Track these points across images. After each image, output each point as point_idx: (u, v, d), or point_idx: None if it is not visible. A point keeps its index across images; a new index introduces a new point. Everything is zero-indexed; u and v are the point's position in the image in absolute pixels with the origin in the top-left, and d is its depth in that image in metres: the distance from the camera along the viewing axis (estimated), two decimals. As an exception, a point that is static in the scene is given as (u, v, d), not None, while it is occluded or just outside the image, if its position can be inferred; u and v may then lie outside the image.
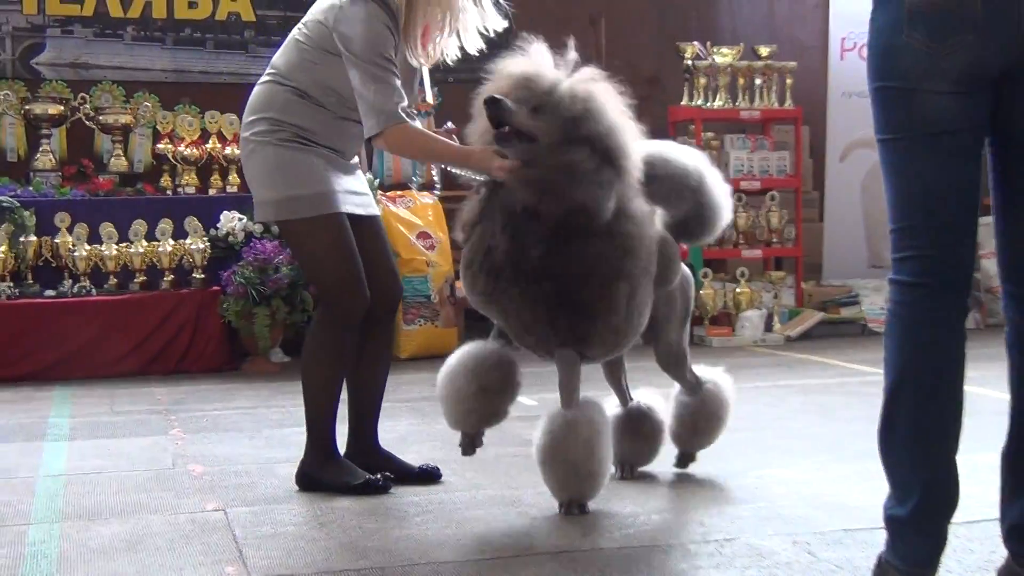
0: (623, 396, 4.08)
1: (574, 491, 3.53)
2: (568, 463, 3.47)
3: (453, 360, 3.64)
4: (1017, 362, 2.68)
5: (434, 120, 4.31)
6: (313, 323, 4.04)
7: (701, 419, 3.95)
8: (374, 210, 4.08)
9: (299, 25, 3.93)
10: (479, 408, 3.61)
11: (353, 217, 3.87)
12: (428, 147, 3.78)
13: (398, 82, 3.65)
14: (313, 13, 3.86)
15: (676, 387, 4.01)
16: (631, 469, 4.06)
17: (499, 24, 3.89)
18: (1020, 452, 2.65)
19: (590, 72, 3.54)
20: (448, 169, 3.95)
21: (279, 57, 3.94)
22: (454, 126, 4.63)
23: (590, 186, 3.37)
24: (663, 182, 3.78)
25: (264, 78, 3.94)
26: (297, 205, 3.78)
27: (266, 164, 3.82)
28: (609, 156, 3.43)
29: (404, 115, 3.62)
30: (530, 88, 3.43)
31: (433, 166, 5.19)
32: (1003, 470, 2.68)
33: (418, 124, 3.98)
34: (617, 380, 4.06)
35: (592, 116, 3.41)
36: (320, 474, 3.90)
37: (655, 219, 3.64)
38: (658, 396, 4.13)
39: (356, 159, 4.05)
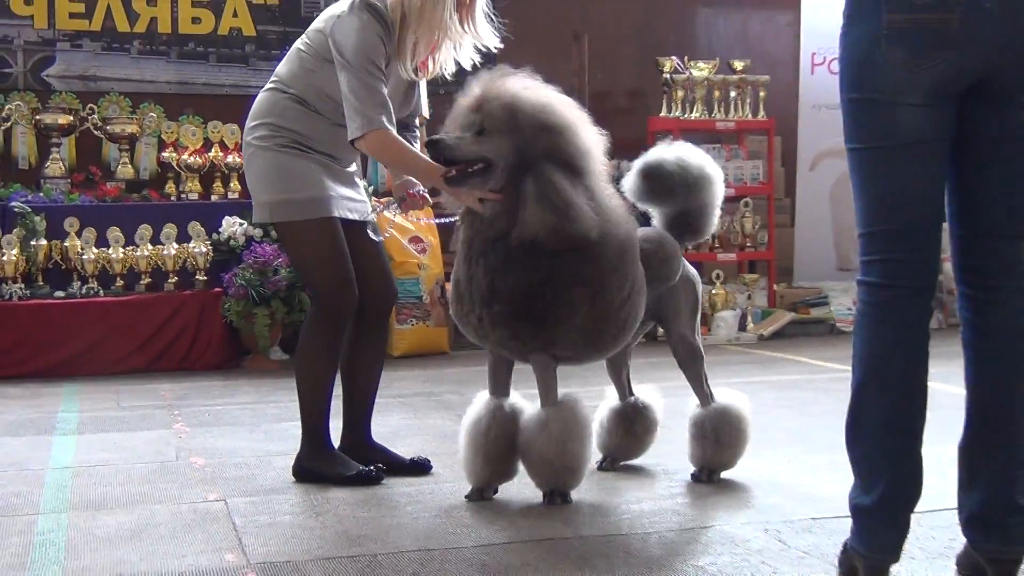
0: (623, 390, 4.06)
1: (554, 483, 3.54)
2: (544, 459, 3.48)
3: (468, 424, 3.59)
4: (972, 359, 2.69)
5: (426, 131, 4.31)
6: (306, 321, 4.04)
7: (722, 434, 3.79)
8: (369, 216, 4.06)
9: (303, 35, 3.93)
10: (490, 474, 3.59)
11: (347, 222, 3.87)
12: (402, 156, 3.74)
13: (384, 90, 3.65)
14: (315, 23, 3.88)
15: (692, 405, 3.90)
16: (612, 462, 4.05)
17: (493, 41, 3.87)
18: (976, 445, 2.66)
19: (520, 78, 3.45)
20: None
21: (282, 66, 3.96)
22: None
23: (579, 209, 3.33)
24: (658, 181, 3.79)
25: (267, 86, 3.95)
26: (291, 208, 3.79)
27: (264, 168, 3.83)
28: (572, 163, 3.40)
29: (386, 122, 3.61)
30: (470, 112, 3.41)
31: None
32: (960, 462, 2.69)
33: (417, 135, 4.04)
34: (618, 374, 4.04)
35: (529, 123, 3.37)
36: (315, 466, 3.90)
37: (627, 217, 3.57)
38: (658, 394, 4.12)
39: (354, 166, 4.05)
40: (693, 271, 3.96)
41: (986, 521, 2.63)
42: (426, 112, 4.05)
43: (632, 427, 4.03)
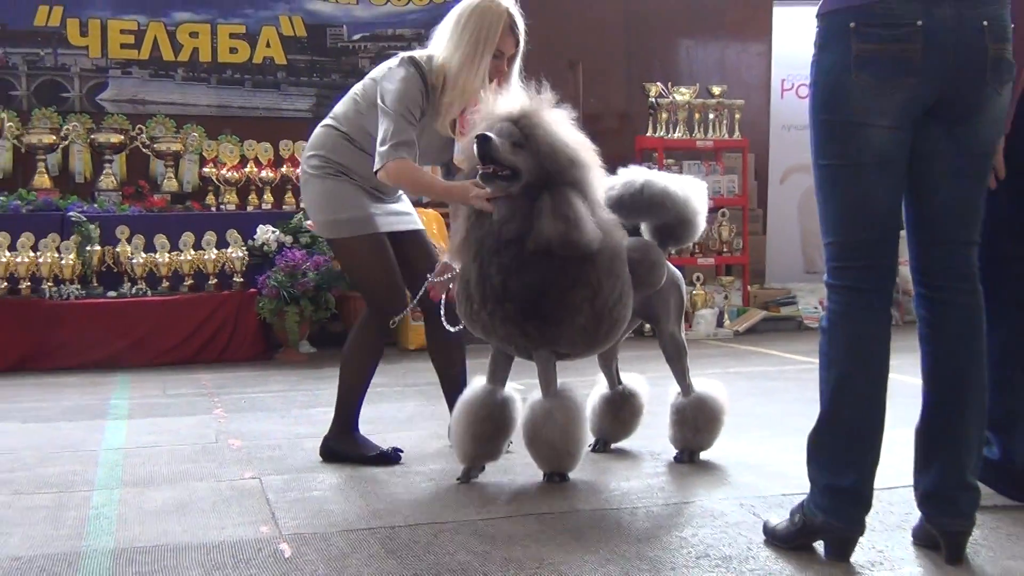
0: (612, 380, 4.06)
1: (555, 465, 3.54)
2: (547, 443, 3.48)
3: (459, 406, 3.59)
4: (928, 353, 2.70)
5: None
6: (359, 321, 4.01)
7: (700, 420, 3.81)
8: (416, 225, 4.08)
9: (360, 81, 3.97)
10: (476, 451, 3.57)
11: (396, 233, 3.93)
12: (420, 181, 3.72)
13: (413, 134, 3.65)
14: (372, 73, 3.92)
15: (673, 393, 3.90)
16: (605, 444, 4.05)
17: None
18: (932, 430, 2.66)
19: (550, 104, 3.47)
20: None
21: (339, 106, 3.97)
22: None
23: (593, 228, 3.35)
24: (633, 203, 3.78)
25: (325, 122, 3.96)
26: (339, 227, 3.83)
27: (315, 193, 3.87)
28: (564, 179, 3.38)
29: (405, 154, 3.60)
30: (510, 124, 3.38)
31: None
32: (917, 444, 2.69)
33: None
34: (608, 366, 4.04)
35: (560, 152, 3.37)
36: (341, 447, 3.90)
37: (618, 228, 3.56)
38: (644, 382, 4.12)
39: (400, 193, 4.06)
40: (678, 275, 3.95)
41: (940, 497, 2.64)
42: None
43: (620, 412, 4.04)
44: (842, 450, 2.64)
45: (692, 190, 3.84)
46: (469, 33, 3.73)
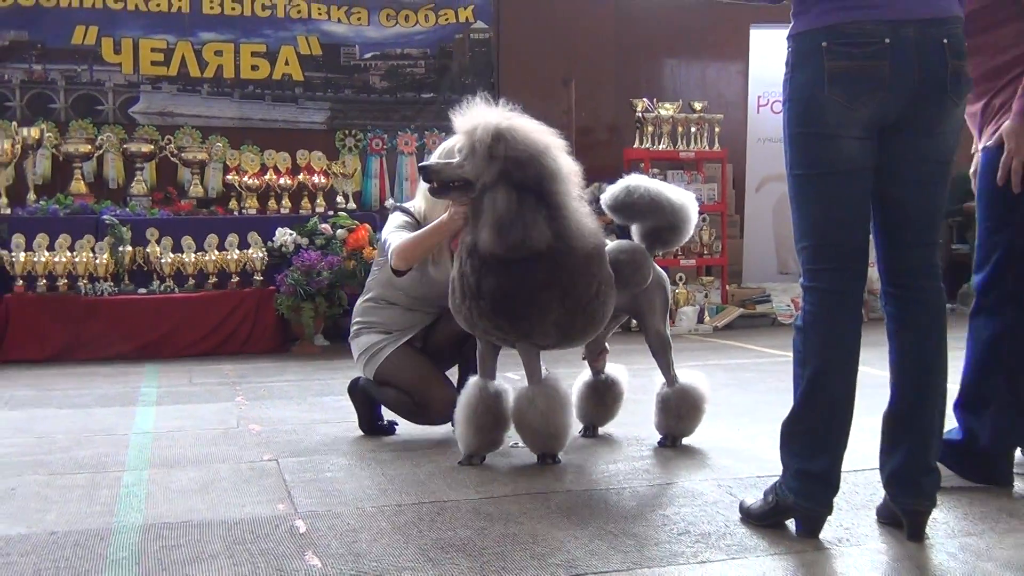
0: (596, 368, 4.06)
1: (543, 447, 3.55)
2: (530, 427, 3.49)
3: (461, 402, 3.55)
4: (896, 347, 2.70)
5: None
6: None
7: (683, 408, 3.81)
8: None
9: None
10: (480, 441, 3.56)
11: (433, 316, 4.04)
12: (417, 242, 3.69)
13: (398, 237, 3.74)
14: None
15: (658, 384, 3.90)
16: (594, 429, 4.05)
17: None
18: (898, 417, 2.67)
19: (505, 111, 3.41)
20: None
21: (369, 280, 4.17)
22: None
23: (523, 230, 3.27)
24: (629, 207, 3.78)
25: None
26: (369, 367, 4.00)
27: (357, 346, 4.04)
28: (539, 186, 3.32)
29: (396, 240, 3.71)
30: (464, 138, 3.39)
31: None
32: (884, 430, 2.69)
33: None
34: (595, 354, 4.04)
35: (509, 151, 3.30)
36: (361, 398, 4.10)
37: (596, 232, 3.48)
38: (624, 371, 4.11)
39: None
40: (664, 275, 3.94)
41: (904, 479, 2.64)
42: None
43: (603, 398, 4.05)
44: (814, 438, 2.64)
45: (687, 200, 3.84)
46: None
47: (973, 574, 2.42)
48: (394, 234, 3.79)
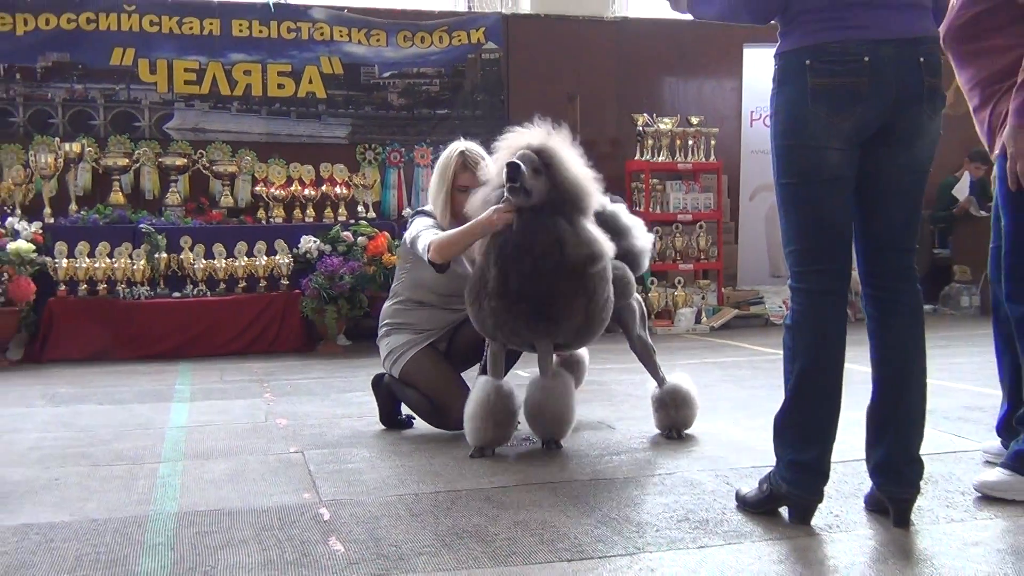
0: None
1: (551, 433, 3.61)
2: (544, 414, 3.56)
3: (476, 398, 3.56)
4: (877, 345, 2.69)
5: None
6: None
7: (677, 401, 3.83)
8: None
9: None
10: (494, 435, 3.57)
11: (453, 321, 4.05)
12: (456, 239, 3.63)
13: (429, 235, 3.72)
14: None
15: (650, 387, 3.92)
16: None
17: None
18: (881, 410, 2.66)
19: (563, 137, 3.54)
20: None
21: (393, 284, 4.16)
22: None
23: (599, 247, 3.47)
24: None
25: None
26: (395, 367, 4.00)
27: (385, 346, 4.04)
28: (577, 207, 3.47)
29: (432, 236, 3.69)
30: (531, 151, 3.44)
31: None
32: (868, 423, 2.68)
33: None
34: (572, 364, 4.09)
35: (569, 177, 3.46)
36: (384, 394, 4.09)
37: (610, 246, 3.59)
38: (584, 350, 4.18)
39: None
40: (638, 296, 4.02)
41: (888, 468, 2.63)
42: None
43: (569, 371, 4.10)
44: (804, 430, 2.64)
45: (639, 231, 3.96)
46: (436, 177, 3.99)
47: (956, 559, 2.41)
48: (426, 232, 3.76)
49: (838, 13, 2.51)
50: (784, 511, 2.72)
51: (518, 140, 3.51)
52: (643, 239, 3.98)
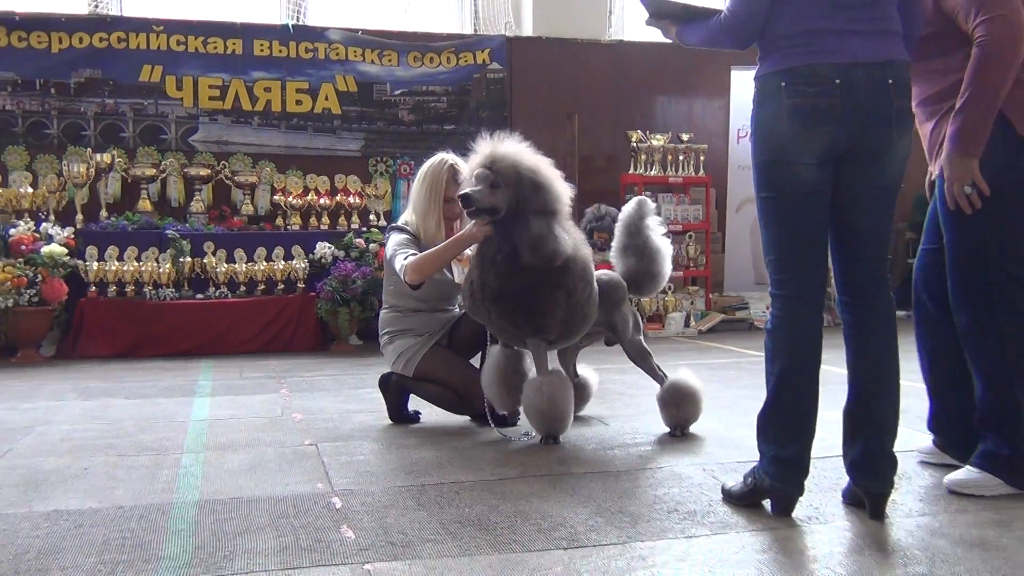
0: (570, 373, 4.09)
1: (547, 429, 3.60)
2: (541, 411, 3.55)
3: (488, 371, 3.68)
4: (851, 348, 2.70)
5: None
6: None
7: (679, 398, 3.78)
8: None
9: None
10: (512, 399, 3.68)
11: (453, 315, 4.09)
12: (431, 258, 3.68)
13: (405, 253, 3.74)
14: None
15: (656, 389, 3.88)
16: None
17: None
18: (857, 409, 2.66)
19: (517, 145, 3.51)
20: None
21: (384, 295, 4.16)
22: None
23: (555, 245, 3.39)
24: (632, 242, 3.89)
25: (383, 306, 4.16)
26: (406, 367, 4.00)
27: (393, 350, 4.04)
28: (547, 207, 3.44)
29: (410, 255, 3.72)
30: (484, 168, 3.44)
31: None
32: (845, 422, 2.68)
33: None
34: (567, 363, 4.09)
35: (526, 181, 3.42)
36: (392, 393, 4.08)
37: (585, 245, 3.63)
38: (594, 374, 4.18)
39: (456, 307, 4.14)
40: (634, 309, 4.01)
41: (865, 465, 2.63)
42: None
43: (577, 394, 4.06)
44: (785, 427, 2.64)
45: (664, 247, 3.95)
46: (424, 189, 3.97)
47: (927, 549, 2.40)
48: (400, 252, 3.77)
49: (811, 39, 2.53)
50: (767, 504, 2.72)
51: (473, 161, 3.52)
52: (666, 265, 3.94)
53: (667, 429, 3.83)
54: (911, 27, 2.67)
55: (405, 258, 3.69)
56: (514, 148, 3.49)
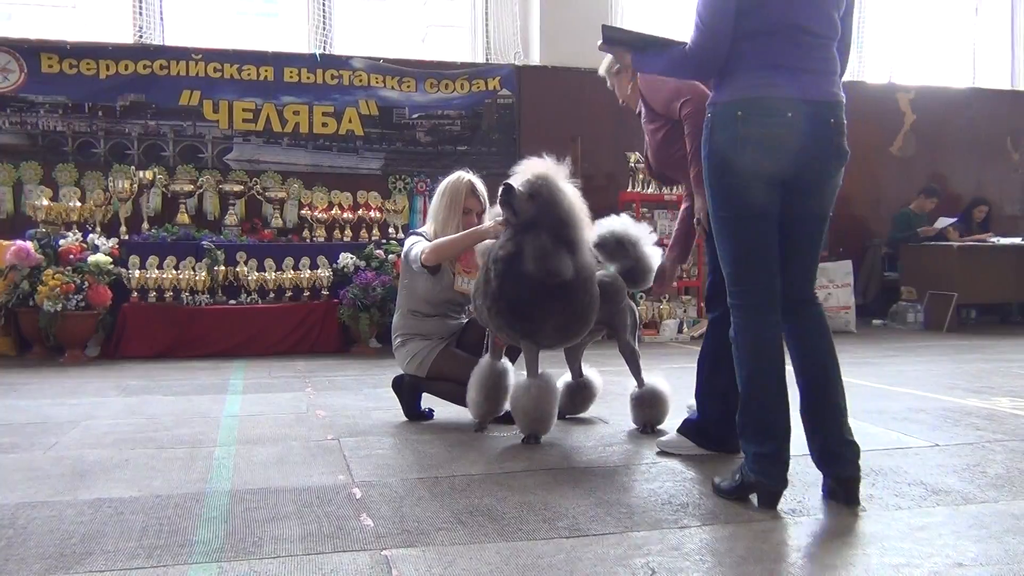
0: (575, 372, 4.08)
1: (530, 429, 3.57)
2: (526, 411, 3.53)
3: (473, 377, 3.68)
4: (796, 354, 2.75)
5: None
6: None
7: (652, 401, 3.84)
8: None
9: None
10: (487, 408, 3.68)
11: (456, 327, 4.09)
12: (451, 242, 3.79)
13: (421, 244, 3.85)
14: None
15: (630, 387, 3.91)
16: (562, 415, 4.04)
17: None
18: (811, 406, 2.69)
19: (563, 172, 3.54)
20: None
21: (398, 298, 4.17)
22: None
23: (557, 265, 3.38)
24: (613, 249, 3.81)
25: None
26: (419, 368, 4.02)
27: (406, 352, 4.06)
28: (563, 236, 3.43)
29: (426, 242, 3.82)
30: (530, 177, 3.47)
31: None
32: (804, 420, 2.71)
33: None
34: (572, 362, 4.07)
35: (552, 209, 3.43)
36: (405, 392, 4.07)
37: (594, 263, 3.61)
38: (598, 376, 4.13)
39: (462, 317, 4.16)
40: (633, 305, 3.98)
41: (829, 453, 2.67)
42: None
43: (576, 397, 4.10)
44: (761, 426, 2.64)
45: (646, 240, 3.88)
46: (445, 200, 4.00)
47: (904, 540, 2.39)
48: (417, 244, 3.88)
49: (768, 73, 2.57)
50: (754, 498, 2.70)
51: (529, 167, 3.54)
52: (653, 258, 3.90)
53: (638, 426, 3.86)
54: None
55: (422, 249, 3.79)
56: (557, 173, 3.52)
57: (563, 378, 4.07)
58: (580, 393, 4.08)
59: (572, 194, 3.52)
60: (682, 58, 2.67)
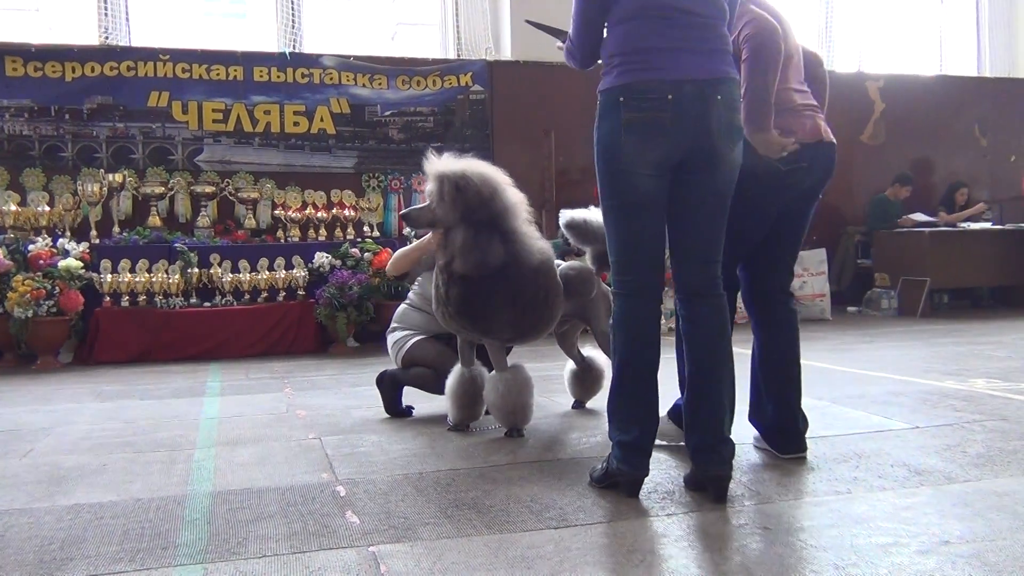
0: (576, 357, 4.08)
1: (509, 422, 3.56)
2: (498, 407, 3.52)
3: (448, 384, 3.68)
4: (689, 343, 2.67)
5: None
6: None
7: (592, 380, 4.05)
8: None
9: None
10: (462, 415, 3.68)
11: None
12: (402, 255, 4.00)
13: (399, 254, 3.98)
14: None
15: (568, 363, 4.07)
16: (581, 404, 4.10)
17: None
18: (695, 398, 2.63)
19: (465, 160, 3.40)
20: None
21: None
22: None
23: (481, 255, 3.30)
24: (583, 231, 3.80)
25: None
26: (399, 355, 4.08)
27: (391, 340, 4.13)
28: (494, 220, 3.33)
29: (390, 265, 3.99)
30: (433, 183, 3.37)
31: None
32: (685, 411, 2.67)
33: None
34: (570, 349, 4.07)
35: (468, 195, 3.30)
36: (387, 388, 4.07)
37: (544, 250, 3.48)
38: (601, 354, 4.08)
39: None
40: (607, 289, 3.93)
41: (705, 449, 2.60)
42: None
43: (584, 379, 4.12)
44: (627, 413, 2.63)
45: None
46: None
47: (890, 520, 2.40)
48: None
49: (644, 57, 2.51)
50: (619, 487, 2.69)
51: (431, 171, 3.38)
52: None
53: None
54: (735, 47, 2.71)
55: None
56: (459, 165, 3.36)
57: (568, 367, 4.10)
58: (587, 377, 4.10)
59: (479, 174, 3.33)
60: (567, 48, 2.72)
